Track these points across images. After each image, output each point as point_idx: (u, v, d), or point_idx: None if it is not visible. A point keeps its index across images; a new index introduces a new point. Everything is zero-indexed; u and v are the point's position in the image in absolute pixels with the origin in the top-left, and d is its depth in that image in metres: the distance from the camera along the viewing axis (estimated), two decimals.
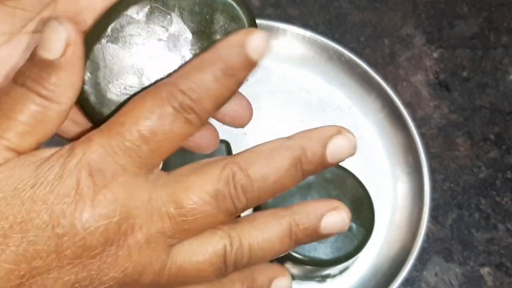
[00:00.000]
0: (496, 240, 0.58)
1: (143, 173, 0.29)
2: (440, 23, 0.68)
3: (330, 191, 0.52)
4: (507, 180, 0.60)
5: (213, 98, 0.29)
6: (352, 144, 0.31)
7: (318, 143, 0.30)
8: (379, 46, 0.66)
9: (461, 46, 0.67)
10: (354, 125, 0.61)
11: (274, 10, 0.67)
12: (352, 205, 0.52)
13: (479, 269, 0.56)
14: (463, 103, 0.64)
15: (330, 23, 0.67)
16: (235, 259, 0.30)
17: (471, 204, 0.59)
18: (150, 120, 0.28)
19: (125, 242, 0.28)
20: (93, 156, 0.28)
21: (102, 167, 0.28)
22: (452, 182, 0.60)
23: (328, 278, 0.54)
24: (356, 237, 0.51)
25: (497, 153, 0.62)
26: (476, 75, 0.66)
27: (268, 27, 0.63)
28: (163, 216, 0.29)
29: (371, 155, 0.60)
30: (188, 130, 0.29)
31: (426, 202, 0.55)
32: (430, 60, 0.66)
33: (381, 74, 0.61)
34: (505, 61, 0.66)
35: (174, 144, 0.29)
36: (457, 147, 0.62)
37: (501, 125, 0.63)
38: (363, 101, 0.62)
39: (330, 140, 0.30)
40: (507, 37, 0.68)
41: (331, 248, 0.50)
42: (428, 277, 0.56)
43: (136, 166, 0.28)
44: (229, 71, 0.28)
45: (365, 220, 0.52)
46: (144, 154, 0.28)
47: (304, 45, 0.63)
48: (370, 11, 0.68)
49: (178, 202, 0.29)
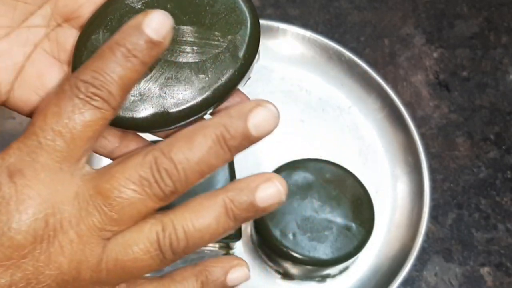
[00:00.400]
0: (496, 240, 0.58)
1: (67, 168, 0.29)
2: (440, 23, 0.68)
3: (330, 191, 0.52)
4: (507, 180, 0.60)
5: (118, 82, 0.29)
6: (274, 114, 0.31)
7: (238, 118, 0.30)
8: (379, 46, 0.66)
9: (461, 46, 0.67)
10: (354, 125, 0.61)
11: (274, 10, 0.67)
12: (352, 205, 0.52)
13: (479, 269, 0.56)
14: (463, 103, 0.64)
15: (330, 23, 0.67)
16: (170, 244, 0.30)
17: (471, 204, 0.59)
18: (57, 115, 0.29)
19: (55, 238, 0.29)
20: (11, 160, 0.29)
21: (21, 167, 0.28)
22: (452, 182, 0.60)
23: (328, 278, 0.54)
24: (356, 237, 0.51)
25: (497, 153, 0.62)
26: (476, 75, 0.66)
27: (268, 27, 0.63)
28: (91, 209, 0.29)
29: (371, 155, 0.60)
30: (101, 116, 0.29)
31: (426, 202, 0.55)
32: (430, 60, 0.66)
33: (381, 74, 0.61)
34: (505, 61, 0.66)
35: (90, 133, 0.29)
36: (457, 147, 0.62)
37: (501, 125, 0.63)
38: (363, 101, 0.62)
39: (250, 113, 0.30)
40: (507, 37, 0.68)
41: (331, 248, 0.50)
42: (428, 277, 0.56)
43: (56, 161, 0.29)
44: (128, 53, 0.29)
45: (365, 220, 0.52)
46: (62, 148, 0.29)
47: (304, 45, 0.63)
48: (370, 11, 0.68)
49: (103, 193, 0.29)
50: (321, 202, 0.52)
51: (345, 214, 0.51)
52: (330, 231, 0.51)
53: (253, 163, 0.58)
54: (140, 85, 0.32)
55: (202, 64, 0.32)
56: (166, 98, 0.32)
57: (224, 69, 0.32)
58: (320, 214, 0.51)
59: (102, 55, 0.29)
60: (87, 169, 0.30)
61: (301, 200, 0.52)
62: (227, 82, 0.32)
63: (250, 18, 0.33)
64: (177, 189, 0.29)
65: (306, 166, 0.53)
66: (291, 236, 0.50)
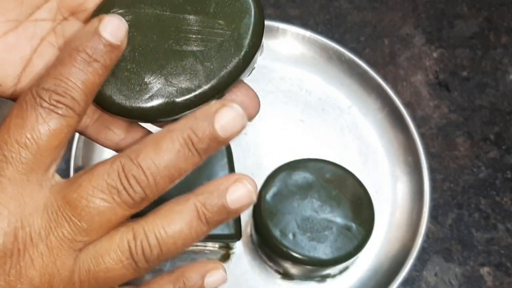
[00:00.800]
0: (496, 240, 0.58)
1: (35, 180, 0.29)
2: (440, 23, 0.68)
3: (330, 191, 0.52)
4: (507, 180, 0.60)
5: (81, 87, 0.29)
6: (239, 114, 0.30)
7: (204, 120, 0.29)
8: (379, 46, 0.66)
9: (461, 46, 0.67)
10: (354, 125, 0.61)
11: (274, 10, 0.67)
12: (352, 205, 0.52)
13: (479, 269, 0.56)
14: (463, 103, 0.64)
15: (330, 23, 0.67)
16: (142, 252, 0.29)
17: (471, 204, 0.59)
18: (21, 126, 0.28)
19: (25, 251, 0.28)
20: None
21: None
22: (452, 182, 0.60)
23: (328, 278, 0.54)
24: (356, 237, 0.51)
25: (497, 153, 0.62)
26: (476, 75, 0.66)
27: (268, 27, 0.63)
28: (61, 220, 0.28)
29: (371, 155, 0.60)
30: (66, 123, 0.29)
31: (426, 202, 0.55)
32: (430, 60, 0.66)
33: (381, 74, 0.61)
34: (505, 61, 0.66)
35: (56, 142, 0.29)
36: (457, 147, 0.62)
37: (501, 125, 0.63)
38: (363, 101, 0.62)
39: (216, 114, 0.29)
40: (507, 37, 0.68)
41: (331, 248, 0.50)
42: (428, 277, 0.56)
43: (23, 174, 0.28)
44: (89, 58, 0.29)
45: (365, 220, 0.52)
46: (28, 160, 0.28)
47: (304, 45, 0.63)
48: (370, 11, 0.68)
49: (71, 203, 0.28)
50: (321, 202, 0.52)
51: (345, 214, 0.52)
52: (330, 231, 0.51)
53: (253, 163, 0.58)
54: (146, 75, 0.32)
55: (207, 52, 0.32)
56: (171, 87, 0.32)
57: (229, 57, 0.32)
58: (320, 214, 0.51)
59: (62, 62, 0.29)
60: (56, 179, 0.30)
61: (301, 200, 0.52)
62: (232, 70, 0.32)
63: (254, 7, 0.33)
64: (147, 196, 0.29)
65: (306, 166, 0.53)
66: (291, 236, 0.50)
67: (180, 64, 0.32)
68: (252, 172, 0.57)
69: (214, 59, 0.32)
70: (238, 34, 0.32)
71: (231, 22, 0.32)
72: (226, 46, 0.32)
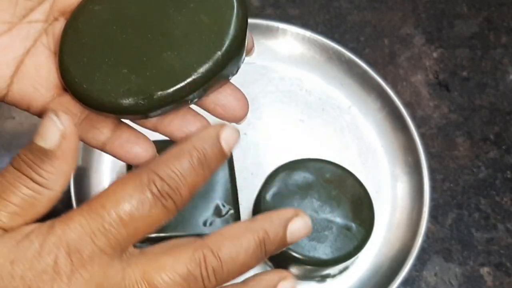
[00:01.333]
0: (495, 240, 0.58)
1: (118, 254, 0.30)
2: (440, 23, 0.68)
3: (330, 191, 0.52)
4: (507, 180, 0.60)
5: (189, 186, 0.30)
6: (308, 225, 0.33)
7: (279, 225, 0.32)
8: (379, 46, 0.66)
9: (461, 46, 0.67)
10: (353, 125, 0.61)
11: (274, 10, 0.67)
12: (352, 205, 0.52)
13: (479, 269, 0.56)
14: (463, 103, 0.64)
15: (330, 23, 0.67)
16: None
17: (471, 204, 0.59)
18: (130, 204, 0.29)
19: None
20: (72, 236, 0.29)
21: (80, 247, 0.29)
22: (452, 182, 0.60)
23: (328, 278, 0.54)
24: (356, 237, 0.51)
25: (497, 153, 0.62)
26: (476, 75, 0.66)
27: (268, 27, 0.63)
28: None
29: (371, 155, 0.60)
30: (164, 216, 0.30)
31: (426, 202, 0.55)
32: (430, 60, 0.66)
33: (381, 74, 0.61)
34: (505, 61, 0.66)
35: (149, 229, 0.30)
36: (456, 147, 0.62)
37: (501, 125, 0.63)
38: (363, 101, 0.62)
39: (290, 222, 0.32)
40: (507, 37, 0.68)
41: (330, 248, 0.50)
42: (428, 277, 0.56)
43: (112, 247, 0.29)
44: (204, 160, 0.30)
45: (364, 220, 0.52)
46: (121, 237, 0.29)
47: (304, 45, 0.63)
48: (370, 11, 0.68)
49: (150, 282, 0.29)
50: (321, 202, 0.52)
51: (345, 214, 0.52)
52: (330, 231, 0.51)
53: (253, 163, 0.58)
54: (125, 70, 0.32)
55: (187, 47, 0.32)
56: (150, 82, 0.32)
57: (209, 51, 0.32)
58: (320, 214, 0.51)
59: (180, 156, 0.30)
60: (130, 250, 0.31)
61: (301, 200, 0.52)
62: (211, 65, 0.32)
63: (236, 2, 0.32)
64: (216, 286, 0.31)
65: (306, 166, 0.53)
66: None
67: (159, 59, 0.32)
68: (252, 172, 0.57)
69: (192, 54, 0.32)
70: (218, 29, 0.32)
71: (212, 17, 0.32)
72: (205, 41, 0.32)
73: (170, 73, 0.32)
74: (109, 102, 0.32)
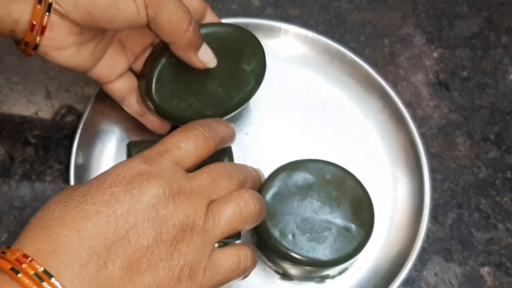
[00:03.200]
0: (496, 240, 0.58)
1: None
2: (440, 23, 0.68)
3: (330, 192, 0.52)
4: (507, 180, 0.60)
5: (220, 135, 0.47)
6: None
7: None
8: (379, 46, 0.66)
9: (461, 46, 0.67)
10: (355, 126, 0.61)
11: (274, 10, 0.67)
12: (352, 206, 0.52)
13: (479, 269, 0.57)
14: (463, 103, 0.64)
15: (330, 23, 0.67)
16: None
17: (471, 204, 0.59)
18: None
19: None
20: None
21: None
22: (452, 182, 0.60)
23: (327, 279, 0.54)
24: (356, 238, 0.51)
25: (497, 153, 0.62)
26: (476, 75, 0.66)
27: (269, 27, 0.63)
28: None
29: (372, 156, 0.60)
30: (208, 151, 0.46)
31: (426, 204, 0.55)
32: (430, 60, 0.66)
33: (381, 74, 0.61)
34: (505, 61, 0.66)
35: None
36: (457, 147, 0.62)
37: (501, 125, 0.63)
38: (365, 102, 0.62)
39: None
40: (507, 37, 0.68)
41: (330, 249, 0.50)
42: (428, 277, 0.56)
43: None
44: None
45: (364, 221, 0.52)
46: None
47: (306, 45, 0.63)
48: (370, 11, 0.68)
49: None
50: (321, 203, 0.52)
51: (345, 215, 0.52)
52: (329, 232, 0.51)
53: (253, 163, 0.57)
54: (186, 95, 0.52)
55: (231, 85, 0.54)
56: (205, 106, 0.53)
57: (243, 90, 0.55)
58: (320, 215, 0.51)
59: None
60: None
61: (301, 200, 0.52)
62: (242, 99, 0.55)
63: (262, 50, 0.55)
64: None
65: (306, 166, 0.53)
66: (291, 237, 0.50)
67: (214, 93, 0.53)
68: None
69: (233, 90, 0.54)
70: (254, 71, 0.55)
71: (249, 65, 0.54)
72: (243, 82, 0.54)
73: (215, 100, 0.53)
74: (172, 114, 0.53)
